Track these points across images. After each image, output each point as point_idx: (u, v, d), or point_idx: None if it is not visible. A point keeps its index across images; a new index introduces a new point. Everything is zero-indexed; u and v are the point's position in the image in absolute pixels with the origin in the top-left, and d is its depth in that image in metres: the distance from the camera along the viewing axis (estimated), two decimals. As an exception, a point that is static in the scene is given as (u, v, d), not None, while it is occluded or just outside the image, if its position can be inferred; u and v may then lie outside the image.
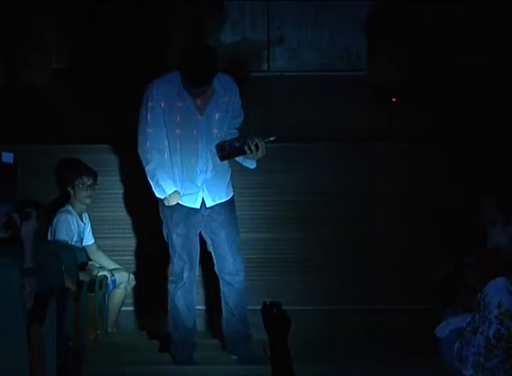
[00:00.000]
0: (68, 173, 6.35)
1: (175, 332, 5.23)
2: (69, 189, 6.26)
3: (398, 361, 5.14)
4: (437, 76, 8.41)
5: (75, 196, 6.24)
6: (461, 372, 4.81)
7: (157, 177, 5.00)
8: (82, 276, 5.74)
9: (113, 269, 6.35)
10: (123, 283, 6.36)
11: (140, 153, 5.06)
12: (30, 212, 4.19)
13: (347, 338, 5.94)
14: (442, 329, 4.98)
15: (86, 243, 6.36)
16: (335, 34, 8.92)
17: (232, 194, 5.20)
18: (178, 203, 5.06)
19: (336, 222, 6.79)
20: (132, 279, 6.44)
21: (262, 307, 3.35)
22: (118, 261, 6.53)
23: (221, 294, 5.25)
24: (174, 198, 5.03)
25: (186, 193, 5.06)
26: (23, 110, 7.69)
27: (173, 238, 5.13)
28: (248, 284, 5.42)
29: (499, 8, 8.60)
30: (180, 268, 5.14)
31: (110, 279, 6.26)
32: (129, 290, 6.45)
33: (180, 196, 5.03)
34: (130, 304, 6.60)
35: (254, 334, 5.17)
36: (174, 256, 5.16)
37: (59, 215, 6.16)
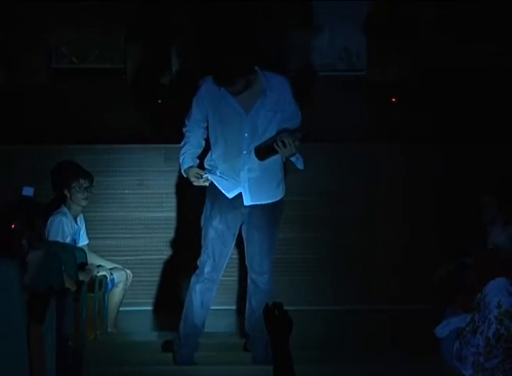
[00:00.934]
0: (64, 175, 6.34)
1: (183, 326, 5.25)
2: (65, 191, 6.25)
3: (398, 361, 5.14)
4: (437, 76, 8.41)
5: (71, 198, 6.23)
6: (461, 372, 4.81)
7: (183, 155, 5.11)
8: (82, 276, 5.74)
9: (111, 268, 6.35)
10: (121, 281, 6.36)
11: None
12: (39, 247, 4.20)
13: (348, 338, 5.94)
14: (442, 329, 4.98)
15: (79, 244, 6.34)
16: (335, 34, 8.92)
17: (278, 198, 5.15)
18: (218, 188, 5.08)
19: (338, 223, 6.79)
20: (130, 276, 6.44)
21: (264, 308, 3.36)
22: (118, 261, 6.53)
23: (247, 290, 5.29)
24: (190, 173, 5.05)
25: (226, 178, 5.07)
26: (24, 110, 7.70)
27: (208, 229, 5.13)
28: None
29: (500, 7, 8.61)
30: (204, 261, 5.15)
31: (109, 278, 6.26)
32: (128, 287, 6.45)
33: (202, 175, 5.03)
34: (130, 304, 6.59)
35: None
36: (202, 248, 5.17)
37: (54, 217, 6.15)
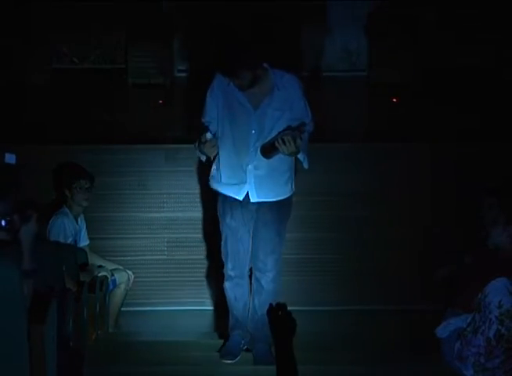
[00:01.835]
0: (66, 176, 6.33)
1: (229, 319, 5.33)
2: (66, 191, 6.24)
3: (399, 361, 5.14)
4: (438, 76, 8.43)
5: (72, 198, 6.22)
6: (462, 372, 4.81)
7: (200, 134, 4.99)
8: (83, 276, 5.74)
9: (112, 269, 6.34)
10: (123, 282, 6.36)
11: None
12: (30, 215, 4.18)
13: (349, 339, 5.94)
14: (443, 329, 4.98)
15: (80, 245, 6.34)
16: (335, 34, 8.93)
17: (285, 196, 5.13)
18: (223, 193, 5.11)
19: (344, 223, 6.78)
20: (131, 276, 6.44)
21: (268, 309, 3.37)
22: (119, 261, 6.53)
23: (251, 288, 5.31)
24: (208, 145, 4.94)
25: (232, 183, 5.08)
26: (24, 110, 7.71)
27: (223, 227, 5.19)
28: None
29: (501, 9, 8.63)
30: (224, 259, 5.21)
31: (110, 279, 6.26)
32: (129, 288, 6.45)
33: (213, 143, 4.94)
34: (130, 304, 6.59)
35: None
36: (222, 245, 5.22)
37: (55, 218, 6.14)
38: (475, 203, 5.79)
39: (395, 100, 8.10)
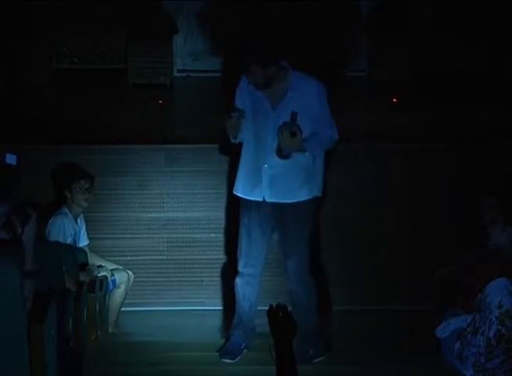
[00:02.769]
0: (65, 176, 6.33)
1: (235, 316, 5.34)
2: (66, 192, 6.23)
3: (399, 361, 5.14)
4: (437, 76, 8.43)
5: (72, 199, 6.22)
6: (462, 372, 4.81)
7: None
8: (83, 276, 5.74)
9: (112, 269, 6.34)
10: (123, 283, 6.36)
11: None
12: (30, 214, 4.18)
13: (349, 339, 5.94)
14: (443, 329, 4.98)
15: (79, 245, 6.34)
16: (335, 34, 8.92)
17: (301, 199, 5.11)
18: (241, 195, 5.18)
19: (342, 223, 6.78)
20: (131, 277, 6.44)
21: (268, 310, 3.37)
22: (119, 261, 6.53)
23: None
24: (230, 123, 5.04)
25: (250, 184, 5.11)
26: (24, 110, 7.70)
27: (241, 227, 5.23)
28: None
29: (498, 10, 8.63)
30: (239, 257, 5.24)
31: (110, 279, 6.25)
32: (129, 288, 6.45)
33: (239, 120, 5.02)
34: (130, 304, 6.59)
35: (259, 335, 5.20)
36: (238, 244, 5.25)
37: (55, 218, 6.14)
38: (474, 203, 5.80)
39: (395, 100, 8.10)
